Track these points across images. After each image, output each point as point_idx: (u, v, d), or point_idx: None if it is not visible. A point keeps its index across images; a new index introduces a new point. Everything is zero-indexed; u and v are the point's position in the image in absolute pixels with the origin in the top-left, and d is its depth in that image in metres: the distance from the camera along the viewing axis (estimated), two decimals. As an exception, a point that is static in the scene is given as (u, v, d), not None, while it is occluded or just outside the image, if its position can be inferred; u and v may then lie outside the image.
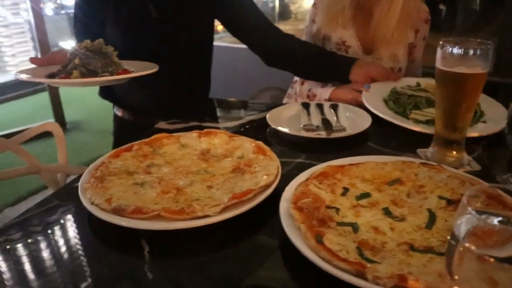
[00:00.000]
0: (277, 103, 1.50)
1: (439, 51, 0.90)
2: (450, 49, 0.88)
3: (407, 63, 1.63)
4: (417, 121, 1.15)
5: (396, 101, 1.26)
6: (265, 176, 0.82)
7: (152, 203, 0.77)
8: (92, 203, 0.76)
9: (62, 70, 1.17)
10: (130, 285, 0.65)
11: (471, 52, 0.86)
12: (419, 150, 1.02)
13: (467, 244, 0.43)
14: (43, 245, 0.74)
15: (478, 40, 0.88)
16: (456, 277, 0.45)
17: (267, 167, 0.86)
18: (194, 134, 1.04)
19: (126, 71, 1.23)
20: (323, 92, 1.50)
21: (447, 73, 0.89)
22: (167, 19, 1.44)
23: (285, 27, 4.37)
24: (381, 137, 1.15)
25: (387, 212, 0.74)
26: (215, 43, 1.63)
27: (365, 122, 1.16)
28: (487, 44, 0.87)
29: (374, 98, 1.27)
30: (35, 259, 0.71)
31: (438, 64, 0.90)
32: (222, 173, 0.89)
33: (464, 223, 0.45)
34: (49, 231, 0.78)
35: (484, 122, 1.18)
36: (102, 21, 1.45)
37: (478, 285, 0.42)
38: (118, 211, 0.74)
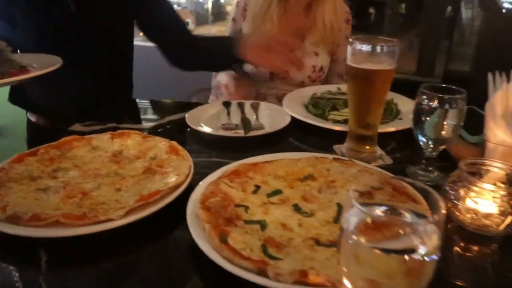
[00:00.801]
0: (205, 102, 1.48)
1: (349, 48, 0.91)
2: (359, 46, 0.90)
3: (330, 62, 1.67)
4: (335, 121, 1.18)
5: (315, 104, 1.28)
6: (175, 177, 0.79)
7: (54, 209, 0.73)
8: None
9: None
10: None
11: (378, 49, 0.89)
12: (335, 146, 1.04)
13: (354, 237, 0.43)
14: None
15: (385, 38, 0.91)
16: (344, 269, 0.45)
17: (179, 167, 0.84)
18: (107, 135, 1.00)
19: (23, 71, 1.09)
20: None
21: (356, 69, 0.91)
22: (86, 14, 1.36)
23: (220, 28, 4.36)
24: (300, 136, 1.16)
25: (296, 208, 0.74)
26: (140, 43, 1.59)
27: (285, 120, 1.16)
28: (393, 42, 0.90)
29: (294, 104, 1.28)
30: None
31: (348, 61, 0.92)
32: (132, 174, 0.85)
33: (352, 216, 0.45)
34: None
35: (401, 119, 1.22)
36: (9, 15, 1.34)
37: (362, 278, 0.43)
38: (14, 219, 0.69)
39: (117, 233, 0.69)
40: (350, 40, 0.92)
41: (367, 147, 0.98)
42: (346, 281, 0.45)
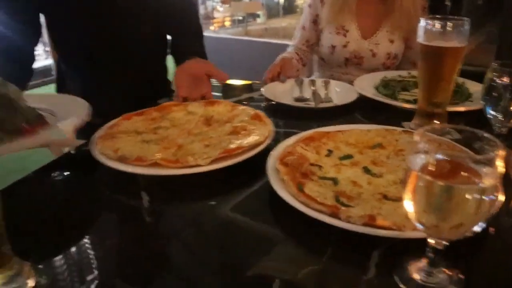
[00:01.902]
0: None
1: (420, 27, 0.96)
2: (431, 24, 0.95)
3: (404, 50, 1.70)
4: (404, 101, 1.22)
5: (385, 85, 1.33)
6: (257, 137, 0.92)
7: (154, 155, 0.87)
8: (101, 153, 0.88)
9: None
10: (131, 226, 0.73)
11: (449, 27, 0.93)
12: (403, 123, 1.09)
13: (420, 173, 0.50)
14: (60, 190, 0.87)
15: (456, 17, 0.95)
16: (413, 207, 0.52)
17: (260, 130, 0.96)
18: (200, 103, 1.16)
19: (39, 124, 0.86)
20: None
21: (427, 47, 0.95)
22: (133, 8, 1.40)
23: (290, 20, 4.45)
24: (367, 112, 1.23)
25: (366, 170, 0.81)
26: (213, 34, 1.68)
27: (352, 96, 1.25)
28: (464, 20, 0.93)
29: (364, 84, 1.34)
30: (55, 202, 0.82)
31: (420, 40, 0.97)
32: (220, 134, 0.98)
33: (416, 158, 0.52)
34: (65, 179, 0.91)
35: (471, 101, 1.24)
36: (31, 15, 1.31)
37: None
38: (122, 159, 0.85)
39: (204, 180, 0.82)
40: (422, 19, 0.96)
41: (436, 123, 1.03)
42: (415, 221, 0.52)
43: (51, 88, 1.60)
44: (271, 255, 0.64)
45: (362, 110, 1.23)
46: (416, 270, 0.57)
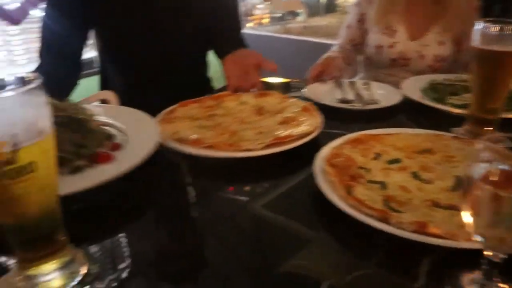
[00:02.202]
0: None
1: (476, 30, 0.93)
2: (488, 28, 0.91)
3: (453, 52, 1.64)
4: (453, 105, 1.18)
5: (434, 89, 1.30)
6: (306, 128, 0.97)
7: (210, 139, 0.94)
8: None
9: None
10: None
11: (508, 31, 0.89)
12: (453, 129, 1.05)
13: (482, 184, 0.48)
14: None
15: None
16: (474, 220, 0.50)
17: (309, 121, 1.01)
18: (253, 94, 1.22)
19: (113, 147, 0.85)
20: None
21: (483, 51, 0.92)
22: (177, 1, 1.42)
23: (331, 19, 4.40)
24: (412, 116, 1.20)
25: (415, 175, 0.79)
26: (252, 31, 1.67)
27: (396, 98, 1.23)
28: (524, 24, 0.89)
29: (411, 87, 1.32)
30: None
31: (475, 43, 0.94)
32: (271, 124, 1.03)
33: (478, 166, 0.50)
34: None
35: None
36: (81, 22, 1.36)
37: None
38: (181, 141, 0.92)
39: (255, 166, 0.88)
40: (479, 22, 0.93)
41: (488, 130, 0.99)
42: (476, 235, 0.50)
43: (94, 80, 1.63)
44: (314, 256, 0.64)
45: (407, 113, 1.21)
46: (469, 282, 0.56)
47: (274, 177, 0.88)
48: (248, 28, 4.42)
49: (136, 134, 0.90)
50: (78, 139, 0.80)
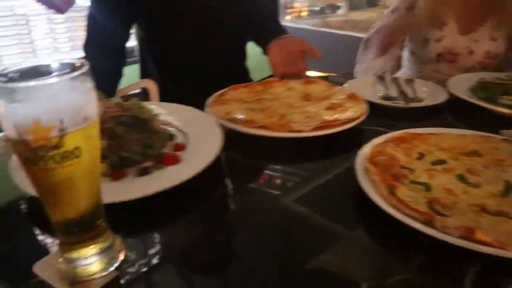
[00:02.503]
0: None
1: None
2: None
3: (506, 50, 1.56)
4: (505, 106, 1.13)
5: (483, 88, 1.24)
6: (352, 113, 1.00)
7: (261, 120, 0.98)
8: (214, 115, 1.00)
9: None
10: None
11: None
12: (502, 131, 1.00)
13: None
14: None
15: None
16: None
17: (355, 108, 1.04)
18: (300, 81, 1.24)
19: (177, 148, 0.83)
20: None
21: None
22: None
23: (372, 14, 4.30)
24: (458, 115, 1.16)
25: (461, 178, 0.75)
26: (291, 24, 1.65)
27: (442, 96, 1.19)
28: None
29: (458, 85, 1.26)
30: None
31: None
32: (318, 109, 1.05)
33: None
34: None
35: None
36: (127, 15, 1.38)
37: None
38: (233, 121, 0.97)
39: (299, 149, 0.93)
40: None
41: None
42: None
43: (134, 69, 1.66)
44: (350, 254, 0.63)
45: (453, 112, 1.16)
46: (519, 293, 0.53)
47: (311, 169, 0.89)
48: (286, 21, 4.39)
49: (196, 134, 0.88)
50: (144, 139, 0.78)
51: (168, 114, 0.95)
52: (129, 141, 0.76)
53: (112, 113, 0.78)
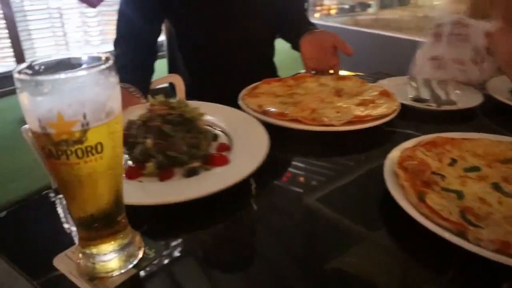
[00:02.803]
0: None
1: None
2: None
3: None
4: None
5: None
6: (384, 109, 1.00)
7: (293, 113, 0.99)
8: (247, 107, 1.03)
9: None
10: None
11: None
12: (542, 138, 0.95)
13: None
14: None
15: None
16: None
17: (387, 104, 1.04)
18: (332, 77, 1.25)
19: (222, 148, 0.82)
20: None
21: None
22: None
23: (402, 12, 4.21)
24: (495, 118, 1.11)
25: (496, 187, 0.71)
26: (320, 22, 1.63)
27: (476, 99, 1.15)
28: None
29: (496, 86, 1.22)
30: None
31: None
32: (350, 105, 1.05)
33: None
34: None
35: None
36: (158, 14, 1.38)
37: None
38: (265, 113, 0.98)
39: (330, 143, 0.94)
40: None
41: None
42: None
43: (162, 63, 1.66)
44: (376, 260, 0.60)
45: (489, 116, 1.11)
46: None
47: (338, 167, 0.88)
48: (315, 19, 4.34)
49: (240, 133, 0.87)
50: (191, 139, 0.76)
51: (209, 114, 0.91)
52: (177, 140, 0.74)
53: (160, 111, 0.76)
